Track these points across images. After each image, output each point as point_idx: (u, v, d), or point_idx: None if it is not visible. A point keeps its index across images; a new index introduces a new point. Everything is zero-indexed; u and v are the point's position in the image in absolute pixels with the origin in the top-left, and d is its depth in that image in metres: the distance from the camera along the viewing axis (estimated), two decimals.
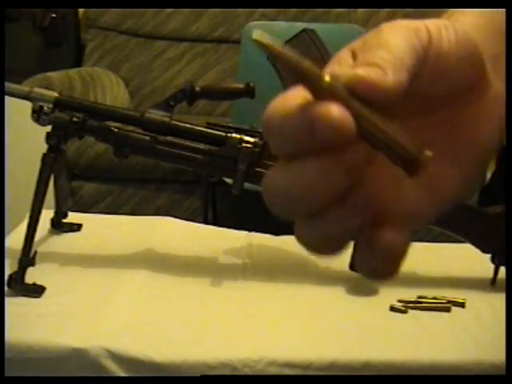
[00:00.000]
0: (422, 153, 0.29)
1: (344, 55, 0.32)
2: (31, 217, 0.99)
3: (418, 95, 0.32)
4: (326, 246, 0.31)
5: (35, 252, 0.99)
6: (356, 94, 0.28)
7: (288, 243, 1.22)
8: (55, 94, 1.01)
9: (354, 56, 0.31)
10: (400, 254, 0.32)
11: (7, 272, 0.97)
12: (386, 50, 0.30)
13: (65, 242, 1.16)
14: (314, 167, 0.29)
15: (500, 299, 0.98)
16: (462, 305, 1.00)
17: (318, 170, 0.29)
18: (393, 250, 0.31)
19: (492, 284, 1.06)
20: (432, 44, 0.31)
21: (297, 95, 0.29)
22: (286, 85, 1.07)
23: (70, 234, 1.20)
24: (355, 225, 0.30)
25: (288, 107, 0.28)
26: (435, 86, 0.32)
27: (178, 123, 1.02)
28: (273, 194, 0.30)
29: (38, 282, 0.97)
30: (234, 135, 1.01)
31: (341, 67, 0.30)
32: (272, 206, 0.30)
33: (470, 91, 0.33)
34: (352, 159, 0.28)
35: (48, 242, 1.15)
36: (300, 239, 0.32)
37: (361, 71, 0.29)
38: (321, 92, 0.28)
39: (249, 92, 1.04)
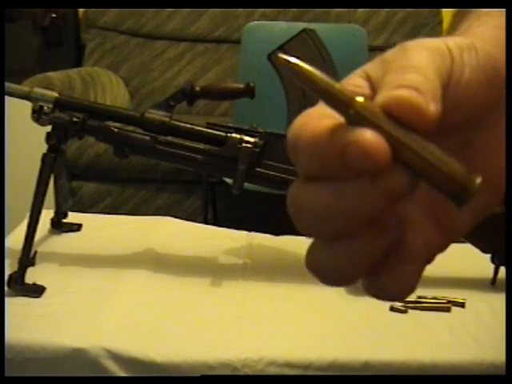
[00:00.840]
0: (473, 181, 0.26)
1: (357, 78, 0.29)
2: (31, 217, 0.99)
3: None
4: (346, 271, 0.29)
5: (35, 252, 0.99)
6: (394, 119, 0.26)
7: (288, 243, 1.22)
8: (55, 94, 1.01)
9: (369, 79, 0.29)
10: (415, 281, 0.30)
11: (7, 272, 0.97)
12: (421, 73, 0.27)
13: (65, 242, 1.16)
14: (349, 188, 0.26)
15: (500, 299, 0.98)
16: (462, 305, 1.00)
17: (354, 192, 0.26)
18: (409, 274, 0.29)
19: (492, 284, 1.06)
20: (454, 70, 0.29)
21: (324, 114, 0.27)
22: (286, 86, 1.07)
23: (70, 234, 1.20)
24: (384, 244, 0.28)
25: (317, 130, 0.26)
26: (453, 113, 0.29)
27: (177, 123, 1.02)
28: (299, 212, 0.28)
29: (38, 282, 0.97)
30: (233, 135, 1.01)
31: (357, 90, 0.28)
32: (296, 222, 0.28)
33: (489, 114, 0.31)
34: (393, 185, 0.26)
35: (48, 242, 1.15)
36: (316, 264, 0.29)
37: (404, 92, 0.26)
38: (353, 115, 0.26)
39: (249, 92, 1.04)
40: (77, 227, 1.22)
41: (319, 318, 0.95)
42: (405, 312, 0.97)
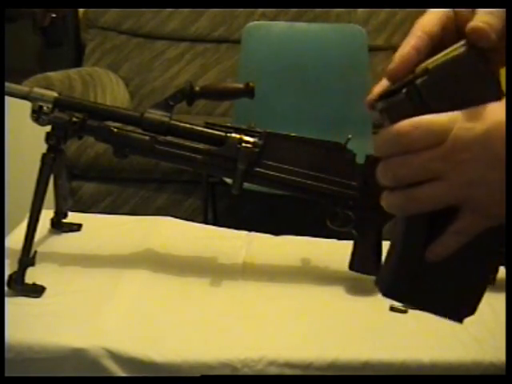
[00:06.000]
0: None
1: (416, 39, 0.52)
2: (31, 217, 0.99)
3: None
4: None
5: (35, 252, 0.99)
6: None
7: (288, 243, 1.22)
8: (55, 94, 1.01)
9: (430, 36, 0.51)
10: None
11: (7, 272, 0.97)
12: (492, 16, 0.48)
13: (65, 242, 1.16)
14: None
15: (500, 299, 0.98)
16: None
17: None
18: None
19: (492, 284, 1.06)
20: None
21: None
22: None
23: (70, 234, 1.20)
24: None
25: None
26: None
27: (177, 123, 1.02)
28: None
29: (38, 282, 0.97)
30: (233, 135, 1.01)
31: None
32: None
33: None
34: None
35: (48, 242, 1.15)
36: None
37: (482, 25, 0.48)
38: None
39: (248, 92, 1.04)
40: (77, 227, 1.22)
41: (319, 318, 0.95)
42: (405, 312, 0.97)
